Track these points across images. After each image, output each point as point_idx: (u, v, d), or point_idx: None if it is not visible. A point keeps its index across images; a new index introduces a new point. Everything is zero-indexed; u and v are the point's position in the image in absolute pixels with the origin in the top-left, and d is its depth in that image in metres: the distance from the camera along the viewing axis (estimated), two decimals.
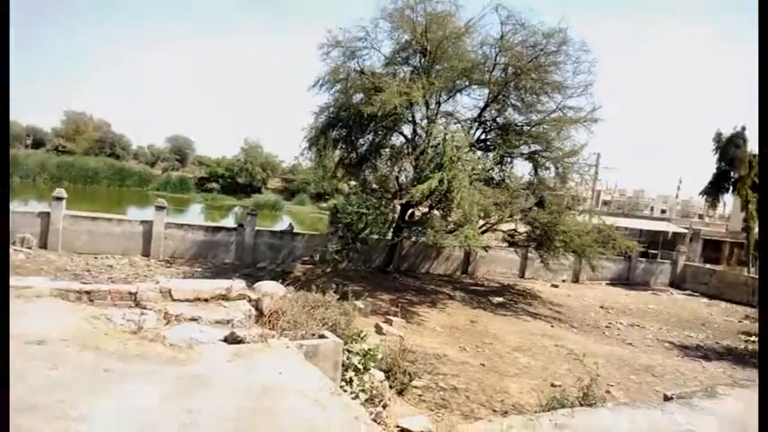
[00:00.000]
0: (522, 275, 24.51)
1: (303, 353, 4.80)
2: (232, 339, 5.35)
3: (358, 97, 18.35)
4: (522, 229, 20.25)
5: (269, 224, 33.17)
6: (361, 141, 20.20)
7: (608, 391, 9.24)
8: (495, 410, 7.94)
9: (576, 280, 25.60)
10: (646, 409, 4.31)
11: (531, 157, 19.50)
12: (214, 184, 62.09)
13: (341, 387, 5.73)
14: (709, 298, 25.62)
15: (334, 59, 18.32)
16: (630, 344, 14.28)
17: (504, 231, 20.36)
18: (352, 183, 23.09)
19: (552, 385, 9.49)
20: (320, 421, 3.34)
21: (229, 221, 39.75)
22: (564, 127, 18.67)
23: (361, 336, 6.87)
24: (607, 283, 26.33)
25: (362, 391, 6.08)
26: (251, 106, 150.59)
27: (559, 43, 17.42)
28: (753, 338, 16.97)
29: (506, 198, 17.42)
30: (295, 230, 21.82)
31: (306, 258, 19.60)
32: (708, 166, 30.50)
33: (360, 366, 6.36)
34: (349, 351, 6.40)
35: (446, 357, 10.74)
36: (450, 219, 16.97)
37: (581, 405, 5.82)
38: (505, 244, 22.07)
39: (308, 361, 4.67)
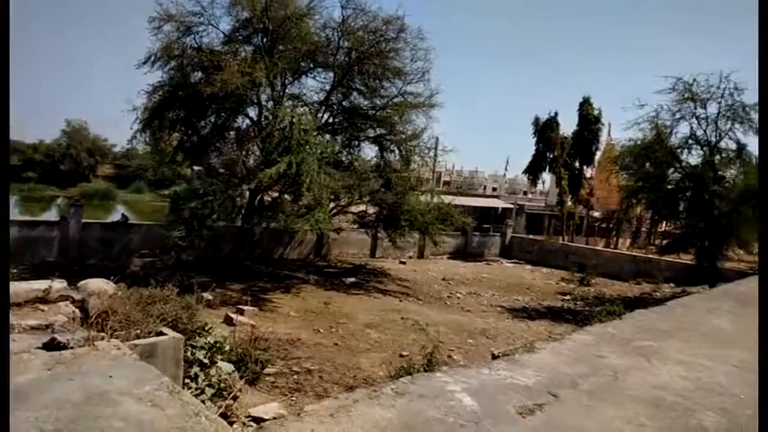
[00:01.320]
0: (372, 255, 25.40)
1: (138, 353, 4.44)
2: (53, 346, 4.76)
3: (197, 76, 17.26)
4: (372, 210, 20.95)
5: (101, 215, 29.95)
6: (202, 123, 19.09)
7: (449, 356, 10.04)
8: (348, 387, 8.17)
9: (421, 256, 27.26)
10: (477, 368, 4.75)
11: (377, 140, 20.13)
12: (30, 173, 54.18)
13: (185, 385, 5.44)
14: (533, 265, 29.03)
15: (168, 34, 16.96)
16: (469, 311, 15.65)
17: (354, 213, 20.87)
18: (196, 167, 21.78)
19: (400, 356, 10.05)
20: (155, 423, 3.13)
21: (52, 214, 35.11)
22: (405, 111, 19.57)
23: (207, 329, 6.57)
24: (448, 257, 28.48)
25: (209, 385, 5.84)
26: (73, 83, 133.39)
27: (398, 30, 18.12)
28: (567, 297, 19.65)
29: (355, 181, 17.83)
30: (131, 221, 20.00)
31: (145, 251, 18.09)
32: (529, 147, 34.52)
33: (206, 361, 6.09)
34: (193, 346, 6.09)
35: (300, 341, 10.76)
36: (300, 203, 16.90)
37: (425, 371, 6.23)
38: (356, 225, 22.66)
39: (145, 361, 4.33)
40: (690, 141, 18.86)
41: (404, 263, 24.68)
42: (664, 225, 23.49)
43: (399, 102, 19.51)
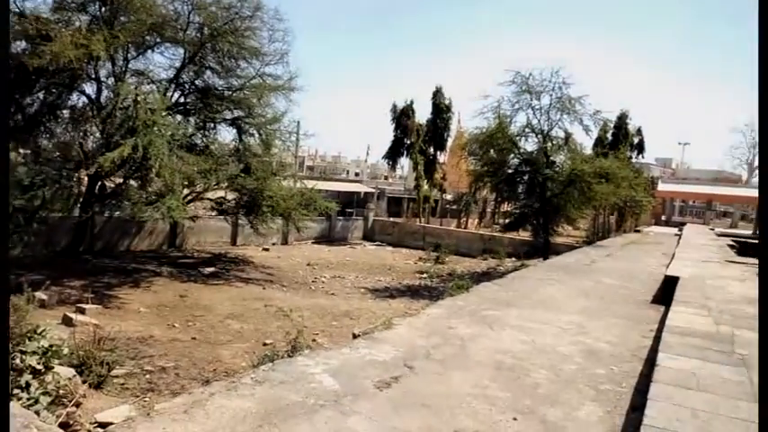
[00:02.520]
0: (233, 243, 24.47)
1: None
2: None
3: (20, 46, 15.01)
4: (231, 196, 20.09)
5: None
6: (28, 100, 16.68)
7: (314, 340, 10.09)
8: (207, 381, 7.84)
9: (285, 242, 26.90)
10: (338, 349, 4.86)
11: (234, 122, 19.29)
12: None
13: (13, 396, 4.81)
14: (393, 246, 30.21)
15: None
16: (333, 294, 15.85)
17: (211, 200, 19.83)
18: (21, 151, 19.04)
19: (264, 345, 9.87)
20: None
21: None
22: (264, 94, 18.99)
23: (39, 332, 5.84)
24: (312, 242, 28.49)
25: (45, 393, 5.22)
26: None
27: (254, 8, 17.45)
28: (424, 275, 20.78)
29: (212, 165, 16.93)
30: None
31: None
32: (388, 133, 35.56)
33: (39, 367, 5.42)
34: (23, 352, 5.39)
35: (153, 338, 10.05)
36: (149, 189, 15.64)
37: (289, 357, 6.21)
38: (215, 212, 21.57)
39: None
40: (527, 130, 20.91)
41: (267, 250, 24.16)
42: (506, 205, 25.85)
43: (258, 83, 18.86)
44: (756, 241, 25.03)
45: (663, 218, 41.81)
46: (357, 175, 69.31)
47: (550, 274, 10.41)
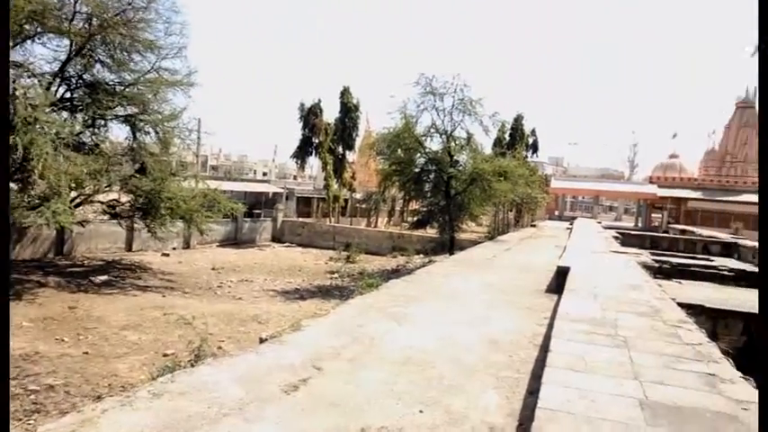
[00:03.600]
0: (129, 248, 22.95)
1: None
2: None
3: None
4: (125, 198, 18.78)
5: None
6: None
7: (220, 347, 9.71)
8: (100, 397, 7.27)
9: (187, 246, 25.65)
10: (243, 355, 4.71)
11: (128, 120, 18.03)
12: None
13: None
14: (303, 247, 29.85)
15: None
16: (240, 298, 15.36)
17: (103, 203, 18.42)
18: None
19: (164, 355, 9.35)
20: None
21: None
22: (161, 89, 17.96)
23: None
24: (217, 245, 27.42)
25: None
26: None
27: (148, 0, 16.45)
28: (335, 275, 20.75)
29: (102, 165, 15.76)
30: None
31: None
32: (296, 132, 34.98)
33: None
34: None
35: (38, 355, 9.18)
36: (32, 192, 14.26)
37: (192, 367, 5.91)
38: (107, 216, 20.06)
39: None
40: (431, 130, 21.53)
41: (167, 255, 22.88)
42: (414, 203, 26.48)
43: (153, 78, 17.76)
44: (639, 232, 27.64)
45: (556, 213, 44.94)
46: (265, 174, 67.71)
47: (456, 269, 10.80)
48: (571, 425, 2.73)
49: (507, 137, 32.75)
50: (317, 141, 34.79)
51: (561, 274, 8.61)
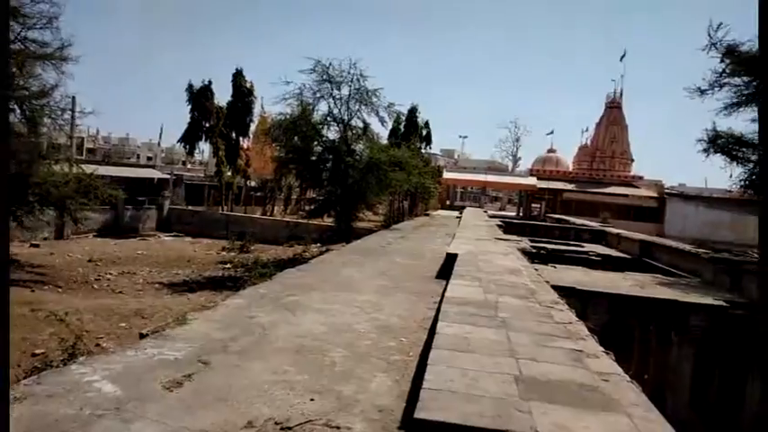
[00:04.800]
0: None
1: None
2: None
3: None
4: None
5: None
6: None
7: (98, 344, 9.02)
8: None
9: (60, 236, 23.41)
10: (121, 351, 4.40)
11: None
12: None
13: None
14: (193, 236, 28.46)
15: None
16: (121, 292, 14.34)
17: None
18: None
19: (33, 355, 8.51)
20: None
21: None
22: (27, 62, 16.09)
23: None
24: (95, 235, 25.31)
25: None
26: None
27: None
28: (228, 266, 20.05)
29: None
30: None
31: None
32: (184, 115, 33.00)
33: None
34: None
35: None
36: None
37: (63, 366, 5.43)
38: None
39: None
40: (328, 118, 21.45)
41: (37, 246, 20.72)
42: (311, 192, 26.26)
43: (18, 49, 15.85)
44: (520, 221, 29.68)
45: (447, 202, 46.93)
46: (150, 159, 63.32)
47: (351, 257, 10.90)
48: (453, 402, 2.89)
49: (402, 128, 33.49)
50: (207, 125, 33.18)
51: (450, 260, 9.01)
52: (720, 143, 14.26)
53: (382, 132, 26.72)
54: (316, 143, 21.71)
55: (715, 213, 36.95)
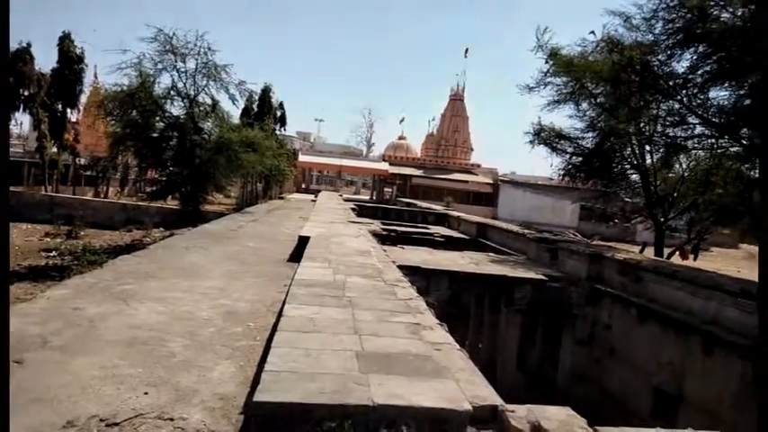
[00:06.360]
0: None
1: None
2: None
3: None
4: None
5: None
6: None
7: None
8: None
9: None
10: None
11: None
12: None
13: None
14: (11, 221, 24.67)
15: None
16: None
17: None
18: None
19: None
20: None
21: None
22: None
23: None
24: None
25: None
26: None
27: None
28: (53, 253, 17.79)
29: None
30: None
31: None
32: None
33: None
34: None
35: None
36: None
37: None
38: None
39: None
40: (172, 93, 19.83)
41: None
42: (153, 172, 24.22)
43: None
44: (373, 204, 30.64)
45: (303, 186, 46.73)
46: None
47: (197, 242, 10.35)
48: (295, 382, 2.91)
49: (255, 108, 32.35)
50: (27, 94, 28.79)
51: (302, 243, 9.01)
52: (543, 136, 16.13)
53: (233, 111, 25.60)
54: (158, 119, 20.05)
55: (539, 198, 41.83)
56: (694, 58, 11.43)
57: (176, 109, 20.29)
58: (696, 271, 9.24)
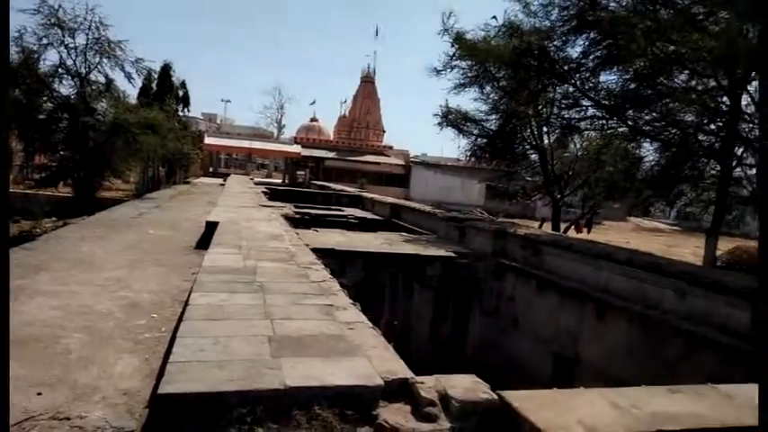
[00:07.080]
0: None
1: None
2: None
3: None
4: None
5: None
6: None
7: None
8: None
9: None
10: None
11: None
12: None
13: None
14: None
15: None
16: None
17: None
18: None
19: None
20: None
21: None
22: None
23: None
24: None
25: None
26: None
27: None
28: None
29: None
30: None
31: None
32: None
33: None
34: None
35: None
36: None
37: None
38: None
39: None
40: (60, 71, 18.13)
41: None
42: (41, 157, 22.16)
43: None
44: (285, 188, 30.10)
45: (210, 169, 44.88)
46: None
47: (94, 231, 9.66)
48: (202, 372, 2.84)
49: (155, 87, 30.42)
50: None
51: (210, 229, 8.70)
52: (451, 118, 16.64)
53: (131, 91, 23.96)
54: (45, 99, 18.33)
55: (448, 179, 43.23)
56: (586, 44, 12.28)
57: (66, 88, 18.66)
58: (589, 243, 10.06)
